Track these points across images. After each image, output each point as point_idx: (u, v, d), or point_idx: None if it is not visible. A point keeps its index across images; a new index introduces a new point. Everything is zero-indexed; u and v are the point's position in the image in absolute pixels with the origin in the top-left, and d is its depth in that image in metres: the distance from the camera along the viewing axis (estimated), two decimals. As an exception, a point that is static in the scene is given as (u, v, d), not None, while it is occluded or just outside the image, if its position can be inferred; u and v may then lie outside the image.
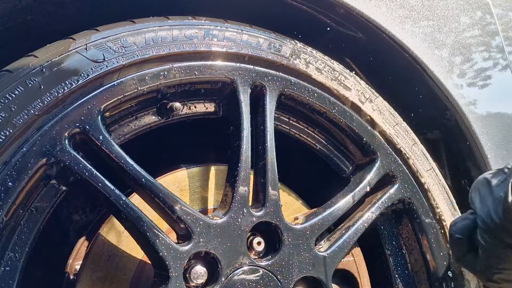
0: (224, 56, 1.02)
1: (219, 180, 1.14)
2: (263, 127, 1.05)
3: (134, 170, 0.89)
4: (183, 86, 1.00)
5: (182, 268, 0.91)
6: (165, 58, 0.95)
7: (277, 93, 1.08)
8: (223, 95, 1.06)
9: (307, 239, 1.05)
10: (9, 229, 0.82)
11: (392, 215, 1.26)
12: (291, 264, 1.03)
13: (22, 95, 0.81)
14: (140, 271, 1.02)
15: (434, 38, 1.28)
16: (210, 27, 1.02)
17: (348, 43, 1.29)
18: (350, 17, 1.19)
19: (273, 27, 1.13)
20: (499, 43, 1.39)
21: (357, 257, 1.25)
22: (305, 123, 1.19)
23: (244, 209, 0.99)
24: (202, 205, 1.12)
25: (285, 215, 1.04)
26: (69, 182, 0.88)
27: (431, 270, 1.21)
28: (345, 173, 1.23)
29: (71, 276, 1.11)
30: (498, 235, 0.82)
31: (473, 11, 1.37)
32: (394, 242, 1.26)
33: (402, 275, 1.24)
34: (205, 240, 0.94)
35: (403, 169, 1.21)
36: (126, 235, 0.99)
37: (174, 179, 1.10)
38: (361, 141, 1.18)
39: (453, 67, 1.30)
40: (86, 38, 0.90)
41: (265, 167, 1.03)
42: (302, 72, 1.12)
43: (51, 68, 0.84)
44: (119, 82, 0.90)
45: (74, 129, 0.85)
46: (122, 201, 0.87)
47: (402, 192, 1.20)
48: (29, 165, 0.81)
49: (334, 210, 1.11)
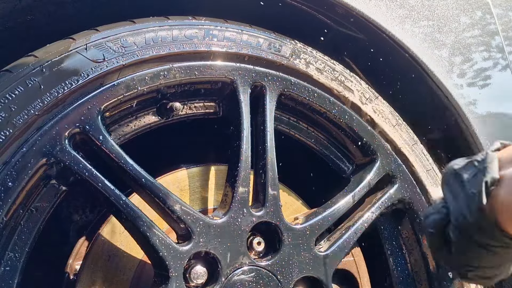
0: (224, 56, 1.02)
1: (219, 180, 1.14)
2: (263, 127, 1.05)
3: (134, 170, 0.89)
4: (183, 86, 1.00)
5: (182, 268, 0.91)
6: (165, 58, 0.95)
7: (277, 93, 1.08)
8: (223, 95, 1.06)
9: (307, 239, 1.05)
10: (9, 229, 0.82)
11: (392, 215, 1.25)
12: (291, 264, 1.03)
13: (22, 95, 0.81)
14: (140, 271, 1.02)
15: (434, 38, 1.28)
16: (210, 27, 1.02)
17: (348, 43, 1.29)
18: (350, 17, 1.19)
19: (273, 27, 1.12)
20: (499, 43, 1.39)
21: (357, 257, 1.25)
22: (305, 123, 1.19)
23: (244, 209, 0.99)
24: (202, 205, 1.12)
25: (285, 215, 1.04)
26: (69, 182, 0.88)
27: (431, 270, 1.21)
28: (345, 173, 1.23)
29: (71, 276, 1.11)
30: (471, 233, 0.80)
31: (473, 11, 1.37)
32: (394, 242, 1.25)
33: (402, 275, 1.24)
34: (205, 240, 0.94)
35: (403, 169, 1.21)
36: (126, 235, 0.99)
37: (174, 179, 1.10)
38: (361, 141, 1.18)
39: (453, 67, 1.30)
40: (86, 38, 0.89)
41: (265, 167, 1.03)
42: (302, 72, 1.12)
43: (51, 68, 0.84)
44: (119, 82, 0.90)
45: (74, 129, 0.85)
46: (122, 201, 0.87)
47: (402, 192, 1.20)
48: (29, 165, 0.81)
49: (334, 210, 1.11)
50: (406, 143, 1.23)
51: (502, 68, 1.39)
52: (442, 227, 0.88)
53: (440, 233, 0.89)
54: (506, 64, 1.39)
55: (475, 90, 1.32)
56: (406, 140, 1.24)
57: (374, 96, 1.22)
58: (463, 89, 1.29)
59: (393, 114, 1.24)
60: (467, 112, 1.27)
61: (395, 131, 1.23)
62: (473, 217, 0.78)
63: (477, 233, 0.79)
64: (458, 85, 1.29)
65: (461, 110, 1.27)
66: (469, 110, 1.28)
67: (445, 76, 1.26)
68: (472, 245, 0.81)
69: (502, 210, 0.75)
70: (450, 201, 0.86)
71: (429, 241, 0.95)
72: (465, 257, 0.84)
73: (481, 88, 1.33)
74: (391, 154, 1.20)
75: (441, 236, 0.89)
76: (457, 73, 1.30)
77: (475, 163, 0.81)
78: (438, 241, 0.89)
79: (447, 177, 0.89)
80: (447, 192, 0.87)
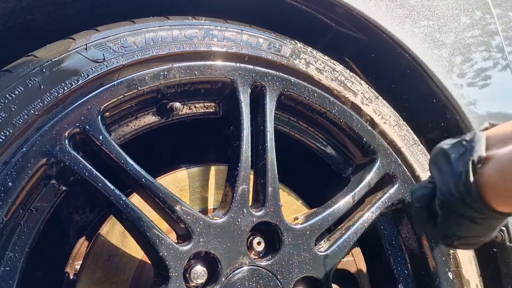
0: (224, 56, 1.02)
1: (219, 180, 1.14)
2: (263, 127, 1.05)
3: (134, 170, 0.89)
4: (183, 86, 1.00)
5: (182, 268, 0.91)
6: (165, 58, 0.95)
7: (277, 93, 1.08)
8: (223, 95, 1.06)
9: (307, 239, 1.05)
10: (9, 229, 0.82)
11: (392, 215, 1.25)
12: (291, 264, 1.03)
13: (22, 95, 0.81)
14: (140, 271, 1.02)
15: (434, 38, 1.28)
16: (210, 27, 1.02)
17: (348, 43, 1.29)
18: (350, 17, 1.19)
19: (273, 27, 1.13)
20: (499, 43, 1.39)
21: (357, 257, 1.25)
22: (305, 123, 1.19)
23: (244, 209, 0.99)
24: (202, 205, 1.12)
25: (285, 215, 1.04)
26: (69, 182, 0.88)
27: (431, 270, 1.21)
28: (345, 173, 1.23)
29: (71, 276, 1.11)
30: (457, 207, 0.83)
31: (473, 11, 1.37)
32: (394, 242, 1.25)
33: (402, 275, 1.24)
34: (205, 240, 0.94)
35: (403, 169, 1.21)
36: (126, 235, 0.99)
37: (174, 179, 1.10)
38: (361, 141, 1.18)
39: (453, 67, 1.30)
40: (86, 38, 0.89)
41: (265, 167, 1.03)
42: (302, 72, 1.12)
43: (51, 68, 0.84)
44: (119, 82, 0.90)
45: (74, 129, 0.85)
46: (122, 201, 0.87)
47: (402, 192, 1.20)
48: (29, 165, 0.81)
49: (334, 210, 1.11)
50: (406, 143, 1.23)
51: (502, 68, 1.39)
52: (429, 201, 0.90)
53: (427, 206, 0.90)
54: (506, 64, 1.39)
55: (475, 90, 1.32)
56: (406, 140, 1.24)
57: (374, 96, 1.22)
58: (463, 89, 1.29)
59: (393, 114, 1.24)
60: (467, 112, 1.27)
61: (395, 131, 1.23)
62: (459, 192, 0.81)
63: (462, 207, 0.82)
64: (458, 85, 1.29)
65: (461, 110, 1.27)
66: (469, 110, 1.28)
67: (445, 76, 1.26)
68: (457, 217, 0.84)
69: (489, 186, 0.78)
70: (437, 179, 0.88)
71: (415, 215, 0.98)
72: (451, 228, 0.87)
73: (481, 88, 1.33)
74: (391, 154, 1.20)
75: (427, 209, 0.90)
76: (457, 73, 1.30)
77: (463, 142, 0.84)
78: (424, 214, 0.91)
79: (435, 155, 0.90)
80: (434, 169, 0.89)
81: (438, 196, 0.87)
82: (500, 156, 0.78)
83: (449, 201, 0.83)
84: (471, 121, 1.27)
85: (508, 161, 0.76)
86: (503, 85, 1.38)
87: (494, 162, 0.78)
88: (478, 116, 1.29)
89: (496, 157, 0.78)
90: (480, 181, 0.78)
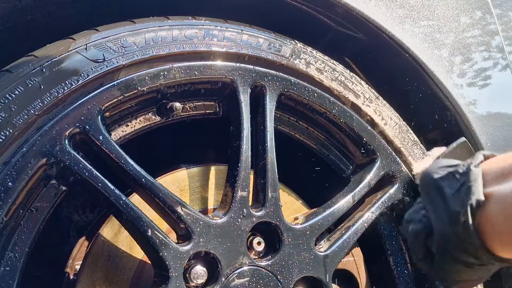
0: (224, 56, 1.02)
1: (219, 180, 1.14)
2: (263, 127, 1.05)
3: (134, 170, 0.89)
4: (183, 86, 1.00)
5: (182, 268, 0.91)
6: (165, 58, 0.95)
7: (277, 93, 1.08)
8: (223, 95, 1.06)
9: (307, 239, 1.05)
10: (9, 229, 0.82)
11: (392, 215, 1.25)
12: (291, 264, 1.03)
13: (22, 95, 0.81)
14: (140, 271, 1.02)
15: (434, 38, 1.28)
16: (210, 27, 1.02)
17: (348, 43, 1.29)
18: (350, 17, 1.19)
19: (273, 27, 1.13)
20: (499, 43, 1.39)
21: (357, 257, 1.25)
22: (305, 123, 1.19)
23: (244, 209, 0.99)
24: (202, 205, 1.12)
25: (285, 215, 1.04)
26: (69, 182, 0.88)
27: (431, 270, 1.21)
28: (345, 173, 1.23)
29: (71, 276, 1.11)
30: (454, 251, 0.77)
31: (473, 11, 1.37)
32: (394, 242, 1.25)
33: (402, 275, 1.24)
34: (205, 240, 0.94)
35: (403, 169, 1.21)
36: (126, 235, 0.99)
37: (174, 179, 1.10)
38: (361, 141, 1.18)
39: (453, 67, 1.30)
40: (86, 38, 0.89)
41: (265, 167, 1.03)
42: (302, 72, 1.12)
43: (51, 68, 0.84)
44: (119, 82, 0.90)
45: (74, 129, 0.85)
46: (122, 201, 0.87)
47: (402, 192, 1.20)
48: (29, 165, 0.81)
49: (334, 210, 1.11)
50: (406, 143, 1.23)
51: (502, 68, 1.39)
52: (425, 237, 0.85)
53: (422, 242, 0.86)
54: (506, 64, 1.39)
55: (475, 90, 1.32)
56: (406, 140, 1.24)
57: (374, 96, 1.22)
58: (463, 89, 1.29)
59: (393, 114, 1.24)
60: (467, 112, 1.27)
61: (395, 131, 1.23)
62: (457, 236, 0.75)
63: (460, 252, 0.77)
64: (458, 85, 1.29)
65: (461, 110, 1.27)
66: (469, 110, 1.28)
67: (445, 76, 1.26)
68: (455, 262, 0.79)
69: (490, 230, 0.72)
70: (432, 213, 0.82)
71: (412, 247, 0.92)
72: (449, 274, 0.83)
73: (481, 88, 1.33)
74: (391, 154, 1.20)
75: (423, 245, 0.86)
76: (457, 73, 1.30)
77: (457, 176, 0.78)
78: (420, 250, 0.87)
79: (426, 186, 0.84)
80: (428, 203, 0.84)
81: (434, 235, 0.81)
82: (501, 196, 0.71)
83: (445, 244, 0.78)
84: (471, 121, 1.27)
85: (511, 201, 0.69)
86: (503, 85, 1.38)
87: (495, 203, 0.72)
88: (478, 116, 1.29)
89: (495, 197, 0.72)
90: (480, 223, 0.72)
